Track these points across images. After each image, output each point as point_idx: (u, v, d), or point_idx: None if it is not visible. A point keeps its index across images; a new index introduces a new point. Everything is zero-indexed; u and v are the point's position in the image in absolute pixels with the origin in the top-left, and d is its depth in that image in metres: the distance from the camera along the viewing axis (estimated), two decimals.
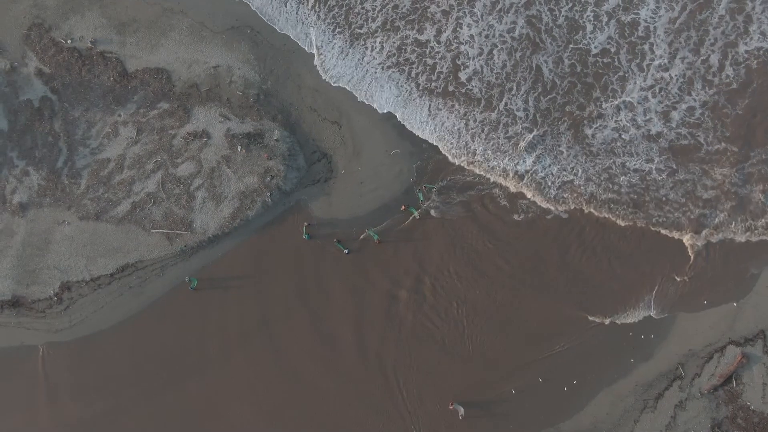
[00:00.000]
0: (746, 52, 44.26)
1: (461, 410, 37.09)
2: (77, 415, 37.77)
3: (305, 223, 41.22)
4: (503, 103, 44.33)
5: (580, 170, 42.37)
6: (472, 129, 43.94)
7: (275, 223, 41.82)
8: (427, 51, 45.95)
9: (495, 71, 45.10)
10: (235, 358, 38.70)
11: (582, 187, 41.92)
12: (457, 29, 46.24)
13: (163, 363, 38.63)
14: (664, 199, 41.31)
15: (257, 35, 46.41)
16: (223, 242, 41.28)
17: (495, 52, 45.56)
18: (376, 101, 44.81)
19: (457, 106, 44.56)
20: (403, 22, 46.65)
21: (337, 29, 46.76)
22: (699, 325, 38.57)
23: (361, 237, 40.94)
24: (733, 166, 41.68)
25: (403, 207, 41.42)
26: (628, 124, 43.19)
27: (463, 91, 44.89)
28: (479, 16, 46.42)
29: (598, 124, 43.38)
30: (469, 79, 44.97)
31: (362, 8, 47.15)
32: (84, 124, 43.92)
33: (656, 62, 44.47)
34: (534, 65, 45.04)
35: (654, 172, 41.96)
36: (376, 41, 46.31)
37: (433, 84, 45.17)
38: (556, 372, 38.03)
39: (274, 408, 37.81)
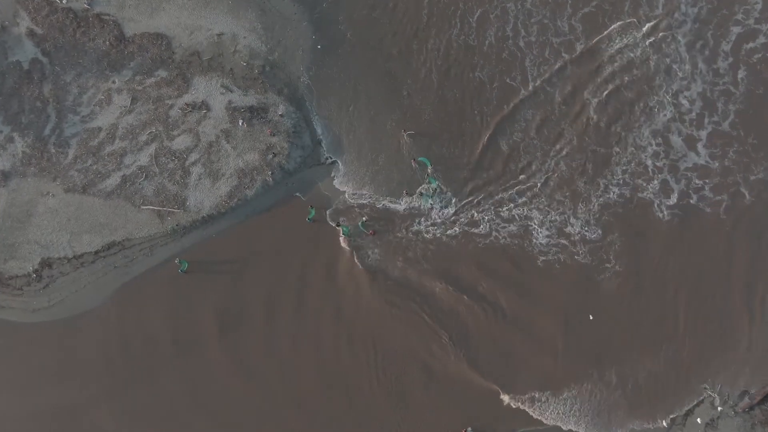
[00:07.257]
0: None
1: None
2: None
3: (311, 206, 37.99)
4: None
5: None
6: None
7: (276, 205, 38.54)
8: None
9: None
10: (224, 346, 35.53)
11: None
12: None
13: (143, 351, 35.45)
14: None
15: (266, 2, 43.00)
16: (219, 223, 38.04)
17: None
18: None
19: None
20: None
21: None
22: None
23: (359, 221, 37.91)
24: None
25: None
26: None
27: None
28: None
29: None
30: None
31: None
32: (75, 90, 40.73)
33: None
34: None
35: None
36: None
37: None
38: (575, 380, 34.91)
39: (264, 401, 34.69)
